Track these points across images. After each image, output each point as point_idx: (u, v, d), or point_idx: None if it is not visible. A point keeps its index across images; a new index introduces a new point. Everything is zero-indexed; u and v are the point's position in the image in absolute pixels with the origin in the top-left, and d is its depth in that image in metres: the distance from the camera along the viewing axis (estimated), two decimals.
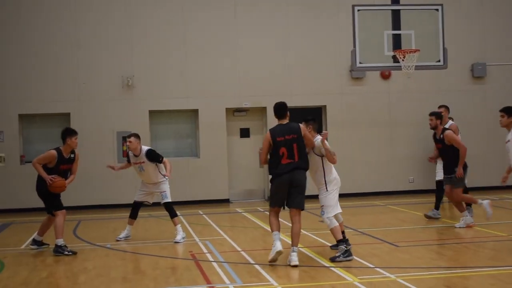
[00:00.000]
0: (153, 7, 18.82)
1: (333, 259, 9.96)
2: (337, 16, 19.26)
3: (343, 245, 10.07)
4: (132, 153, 12.45)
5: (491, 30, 20.07)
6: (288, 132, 9.89)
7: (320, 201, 10.33)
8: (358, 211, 16.27)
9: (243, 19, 19.13)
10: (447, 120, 14.15)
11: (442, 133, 12.96)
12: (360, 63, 15.11)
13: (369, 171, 19.31)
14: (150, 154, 12.26)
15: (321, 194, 10.33)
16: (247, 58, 19.06)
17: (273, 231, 9.91)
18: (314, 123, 10.55)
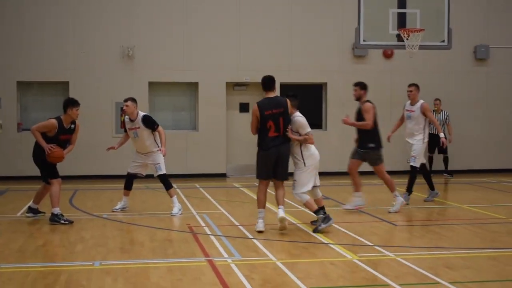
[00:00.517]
0: None
1: (316, 230, 10.28)
2: None
3: (321, 213, 10.38)
4: (128, 118, 12.28)
5: (495, 12, 19.91)
6: (275, 106, 10.18)
7: (294, 175, 10.56)
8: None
9: None
10: (417, 99, 13.56)
11: (362, 104, 12.54)
12: (364, 40, 14.96)
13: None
14: (146, 120, 12.12)
15: (297, 169, 10.56)
16: (249, 33, 18.87)
17: (259, 208, 10.35)
18: (295, 100, 10.61)
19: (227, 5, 18.82)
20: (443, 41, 15.27)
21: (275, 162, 10.22)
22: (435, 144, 18.99)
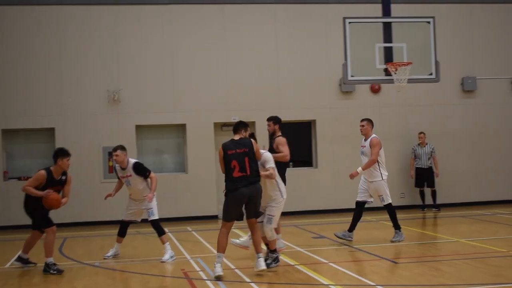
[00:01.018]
0: (138, 22, 18.48)
1: (267, 265, 10.26)
2: (327, 31, 19.05)
3: (275, 254, 10.60)
4: (119, 166, 12.06)
5: (481, 44, 19.97)
6: (239, 146, 10.31)
7: (270, 210, 10.59)
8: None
9: (232, 33, 18.85)
10: (370, 133, 13.17)
11: (275, 139, 12.12)
12: (352, 76, 14.88)
13: (357, 186, 18.96)
14: (137, 167, 11.89)
15: (274, 204, 10.60)
16: (236, 72, 18.78)
17: (219, 252, 10.13)
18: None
19: (213, 45, 18.73)
20: (431, 74, 15.23)
21: (246, 202, 10.16)
22: (423, 177, 18.94)
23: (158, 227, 11.98)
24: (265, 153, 10.62)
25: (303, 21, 19.17)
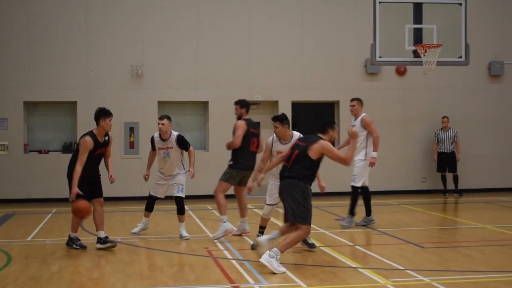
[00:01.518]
0: None
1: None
2: (353, 9, 18.77)
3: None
4: (160, 137, 11.66)
5: (509, 28, 19.59)
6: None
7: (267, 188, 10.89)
8: (374, 209, 15.71)
9: (257, 10, 18.59)
10: (360, 113, 12.93)
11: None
12: (380, 57, 14.64)
13: (382, 169, 18.74)
14: (181, 140, 11.59)
15: (271, 180, 10.84)
16: (260, 51, 18.54)
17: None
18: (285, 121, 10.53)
19: (238, 23, 18.49)
20: (460, 57, 14.97)
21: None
22: (445, 162, 18.70)
23: (182, 205, 11.80)
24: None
25: (330, 0, 18.88)
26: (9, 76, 17.67)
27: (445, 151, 18.64)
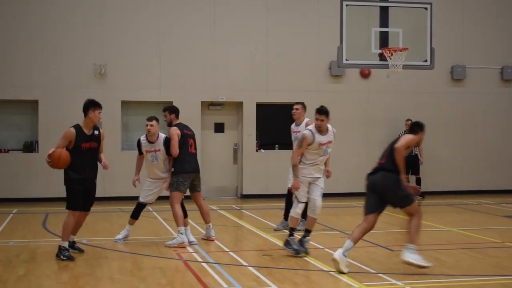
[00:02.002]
0: None
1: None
2: (319, 11, 18.80)
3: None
4: (147, 140, 11.23)
5: (472, 33, 19.84)
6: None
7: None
8: (338, 211, 15.83)
9: (222, 10, 18.49)
10: (302, 118, 12.85)
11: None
12: (346, 59, 14.70)
13: (346, 171, 18.85)
14: (169, 142, 11.10)
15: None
16: (225, 51, 18.44)
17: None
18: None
19: (203, 23, 18.37)
20: (426, 60, 15.12)
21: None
22: (409, 165, 18.78)
23: (183, 208, 11.44)
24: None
25: (295, 2, 18.87)
26: None
27: (409, 154, 18.72)
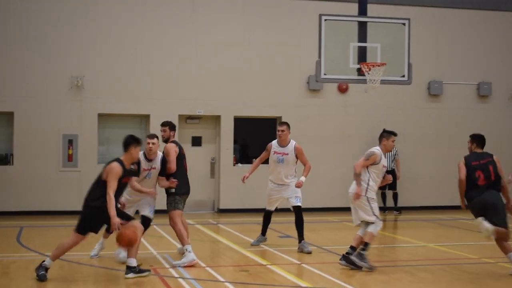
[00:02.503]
0: (104, 9, 17.90)
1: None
2: (297, 26, 18.82)
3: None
4: (145, 157, 10.85)
5: (449, 49, 19.97)
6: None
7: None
8: (316, 227, 15.76)
9: (201, 26, 18.42)
10: (288, 139, 12.33)
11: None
12: (324, 74, 14.69)
13: (322, 185, 18.85)
14: (165, 160, 10.87)
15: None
16: (203, 65, 18.38)
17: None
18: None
19: (182, 36, 18.30)
20: (403, 76, 15.15)
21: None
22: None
23: (149, 226, 11.21)
24: None
25: (274, 16, 18.88)
26: None
27: (386, 168, 18.75)
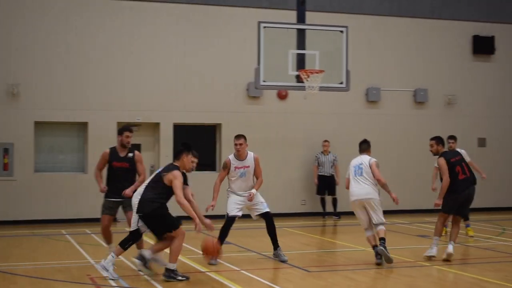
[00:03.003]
0: (40, 14, 17.65)
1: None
2: (236, 33, 18.87)
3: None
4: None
5: (386, 56, 20.31)
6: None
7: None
8: (254, 233, 15.75)
9: (139, 32, 18.31)
10: (247, 152, 12.16)
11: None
12: (264, 81, 14.76)
13: (263, 191, 18.81)
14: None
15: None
16: (142, 72, 18.28)
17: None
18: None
19: (119, 43, 18.17)
20: (341, 82, 15.34)
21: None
22: (325, 185, 19.08)
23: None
24: None
25: (213, 23, 18.89)
26: None
27: (325, 174, 19.00)
